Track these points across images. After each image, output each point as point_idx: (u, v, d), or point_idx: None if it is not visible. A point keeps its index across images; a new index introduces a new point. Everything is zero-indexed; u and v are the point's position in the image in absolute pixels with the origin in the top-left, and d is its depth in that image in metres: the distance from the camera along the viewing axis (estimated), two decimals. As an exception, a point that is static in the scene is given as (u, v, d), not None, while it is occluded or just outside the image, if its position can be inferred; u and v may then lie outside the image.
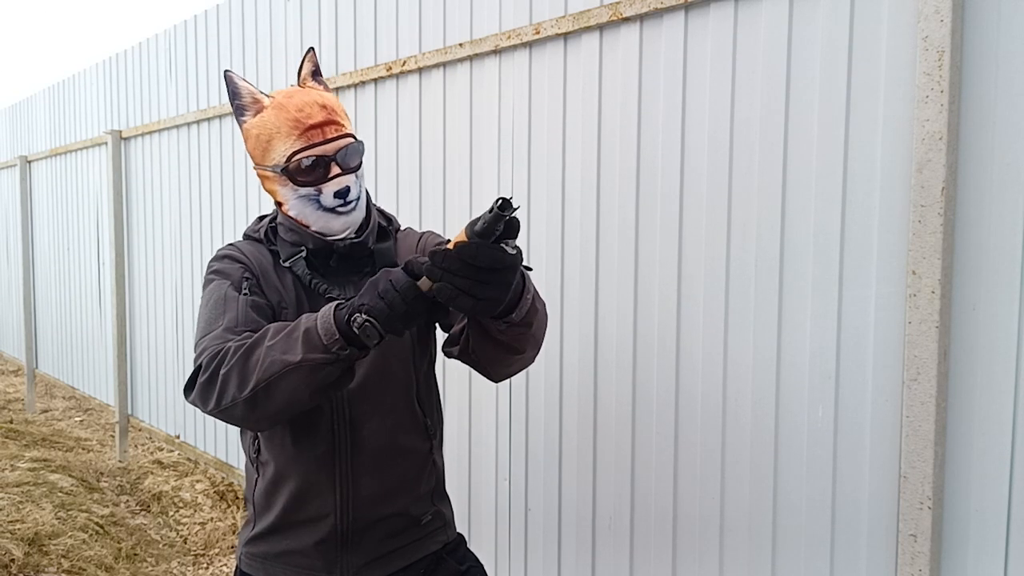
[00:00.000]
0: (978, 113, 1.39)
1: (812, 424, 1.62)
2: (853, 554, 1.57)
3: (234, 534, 3.45)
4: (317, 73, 1.36)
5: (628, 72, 1.91)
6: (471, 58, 2.30)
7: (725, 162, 1.74)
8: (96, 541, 3.13)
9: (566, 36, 2.04)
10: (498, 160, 2.25)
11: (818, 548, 1.62)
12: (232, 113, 3.41)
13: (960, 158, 1.41)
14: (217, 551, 3.34)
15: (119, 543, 3.20)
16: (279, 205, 1.32)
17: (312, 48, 1.38)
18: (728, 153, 1.73)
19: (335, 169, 1.26)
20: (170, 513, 3.66)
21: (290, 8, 3.08)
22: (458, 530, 1.50)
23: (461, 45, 2.30)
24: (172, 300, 4.05)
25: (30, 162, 5.90)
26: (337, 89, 2.82)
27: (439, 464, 1.43)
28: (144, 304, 4.33)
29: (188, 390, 1.16)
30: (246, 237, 1.39)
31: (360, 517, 1.31)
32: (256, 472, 1.35)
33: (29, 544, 2.92)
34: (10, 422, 5.02)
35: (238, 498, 3.72)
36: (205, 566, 3.23)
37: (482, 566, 1.47)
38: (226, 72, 1.32)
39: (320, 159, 1.25)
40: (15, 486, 3.50)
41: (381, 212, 1.43)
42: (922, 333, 1.43)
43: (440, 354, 1.35)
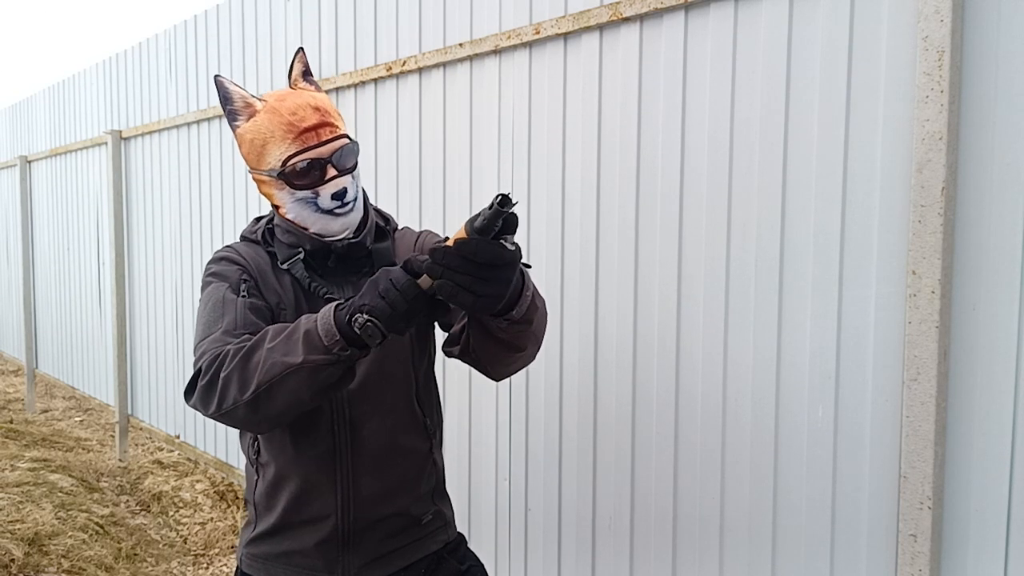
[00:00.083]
0: (978, 113, 1.39)
1: (812, 424, 1.62)
2: (853, 554, 1.57)
3: (234, 534, 3.45)
4: (308, 74, 1.35)
5: (628, 72, 1.91)
6: (471, 58, 2.30)
7: (725, 162, 1.74)
8: (96, 541, 3.13)
9: (566, 36, 2.04)
10: (498, 160, 2.25)
11: (818, 548, 1.62)
12: (232, 113, 3.44)
13: (960, 158, 1.41)
14: (217, 551, 3.34)
15: (119, 543, 3.20)
16: (276, 208, 1.32)
17: (302, 48, 1.38)
18: (728, 153, 1.73)
19: (331, 171, 1.26)
20: (170, 513, 3.66)
21: (290, 8, 3.08)
22: (458, 530, 1.50)
23: (461, 45, 2.30)
24: (172, 300, 4.05)
25: (30, 162, 5.90)
26: (337, 89, 2.82)
27: (439, 464, 1.44)
28: (144, 304, 4.33)
29: (189, 394, 1.16)
30: (243, 239, 1.39)
31: (361, 517, 1.31)
32: (256, 473, 1.35)
33: (29, 544, 2.92)
34: (10, 422, 5.02)
35: (238, 498, 3.72)
36: (205, 566, 3.23)
37: (482, 565, 1.47)
38: (216, 77, 1.32)
39: (316, 162, 1.25)
40: (15, 486, 3.50)
41: (378, 212, 1.43)
42: (922, 333, 1.43)
43: (440, 354, 1.36)
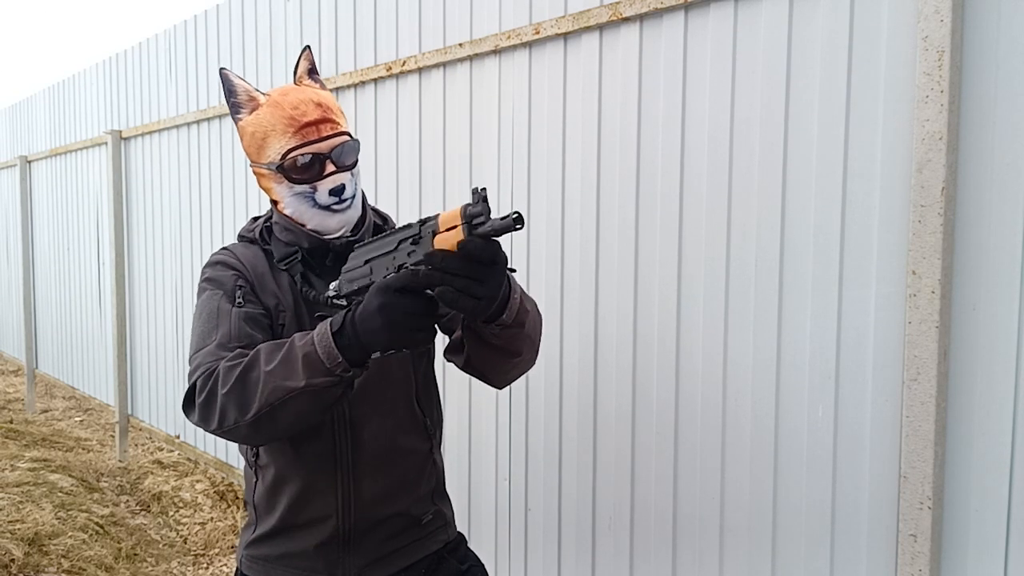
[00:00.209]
0: (978, 113, 1.39)
1: (812, 424, 1.62)
2: (853, 554, 1.57)
3: (234, 534, 3.45)
4: (313, 71, 1.36)
5: (628, 72, 1.91)
6: (471, 58, 2.30)
7: (725, 162, 1.74)
8: (96, 541, 3.13)
9: (566, 36, 2.04)
10: (498, 160, 2.25)
11: (818, 548, 1.62)
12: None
13: (960, 158, 1.41)
14: (217, 551, 3.34)
15: (119, 543, 3.20)
16: (275, 204, 1.32)
17: (308, 46, 1.39)
18: (728, 153, 1.73)
19: (330, 167, 1.26)
20: (170, 513, 3.66)
21: (290, 8, 3.08)
22: (458, 530, 1.50)
23: (461, 45, 2.30)
24: (172, 300, 4.05)
25: (30, 162, 5.90)
26: (337, 89, 2.82)
27: (439, 464, 1.44)
28: (144, 304, 4.33)
29: (188, 410, 1.17)
30: (241, 238, 1.39)
31: (362, 518, 1.31)
32: (255, 476, 1.35)
33: (29, 544, 2.92)
34: (10, 422, 5.02)
35: (238, 498, 3.72)
36: (205, 566, 3.23)
37: (482, 565, 1.47)
38: (222, 70, 1.33)
39: (315, 156, 1.25)
40: (15, 486, 3.50)
41: (376, 211, 1.43)
42: (922, 333, 1.43)
43: (439, 354, 1.36)
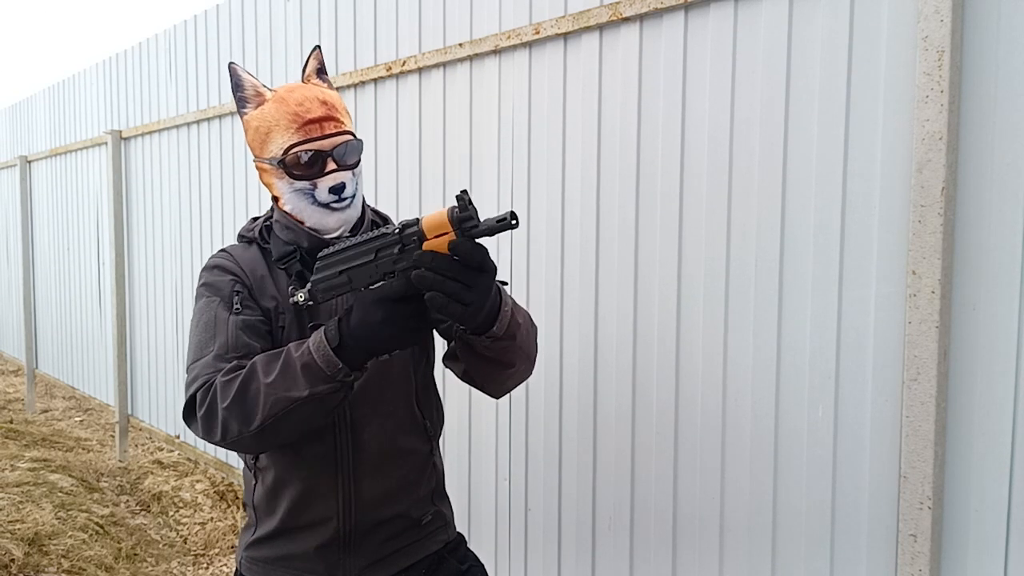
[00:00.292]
0: (978, 113, 1.39)
1: (812, 424, 1.62)
2: (853, 554, 1.57)
3: (234, 534, 3.45)
4: (322, 71, 1.37)
5: (628, 72, 1.91)
6: (471, 58, 2.30)
7: (725, 162, 1.74)
8: (96, 541, 3.13)
9: (566, 36, 2.04)
10: (498, 160, 2.25)
11: (818, 548, 1.62)
12: (233, 113, 3.44)
13: (960, 158, 1.41)
14: (217, 551, 3.34)
15: (119, 543, 3.20)
16: (275, 200, 1.33)
17: (318, 46, 1.40)
18: (728, 153, 1.73)
19: (331, 165, 1.26)
20: (170, 513, 3.66)
21: (290, 8, 3.08)
22: (458, 530, 1.50)
23: (461, 45, 2.30)
24: (172, 300, 4.05)
25: (30, 162, 5.90)
26: (337, 89, 2.81)
27: (439, 465, 1.44)
28: (144, 304, 4.33)
29: (190, 421, 1.18)
30: (240, 238, 1.39)
31: (362, 520, 1.31)
32: (255, 478, 1.35)
33: (29, 544, 2.92)
34: (10, 422, 5.02)
35: (238, 498, 3.72)
36: (205, 566, 3.23)
37: (482, 565, 1.47)
38: (230, 64, 1.34)
39: (317, 154, 1.25)
40: (15, 486, 3.50)
41: (376, 212, 1.44)
42: (922, 333, 1.43)
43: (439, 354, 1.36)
